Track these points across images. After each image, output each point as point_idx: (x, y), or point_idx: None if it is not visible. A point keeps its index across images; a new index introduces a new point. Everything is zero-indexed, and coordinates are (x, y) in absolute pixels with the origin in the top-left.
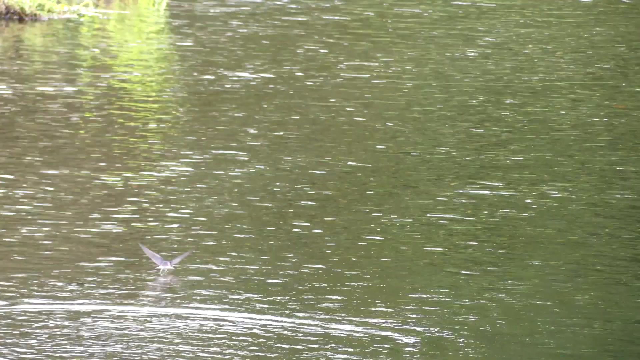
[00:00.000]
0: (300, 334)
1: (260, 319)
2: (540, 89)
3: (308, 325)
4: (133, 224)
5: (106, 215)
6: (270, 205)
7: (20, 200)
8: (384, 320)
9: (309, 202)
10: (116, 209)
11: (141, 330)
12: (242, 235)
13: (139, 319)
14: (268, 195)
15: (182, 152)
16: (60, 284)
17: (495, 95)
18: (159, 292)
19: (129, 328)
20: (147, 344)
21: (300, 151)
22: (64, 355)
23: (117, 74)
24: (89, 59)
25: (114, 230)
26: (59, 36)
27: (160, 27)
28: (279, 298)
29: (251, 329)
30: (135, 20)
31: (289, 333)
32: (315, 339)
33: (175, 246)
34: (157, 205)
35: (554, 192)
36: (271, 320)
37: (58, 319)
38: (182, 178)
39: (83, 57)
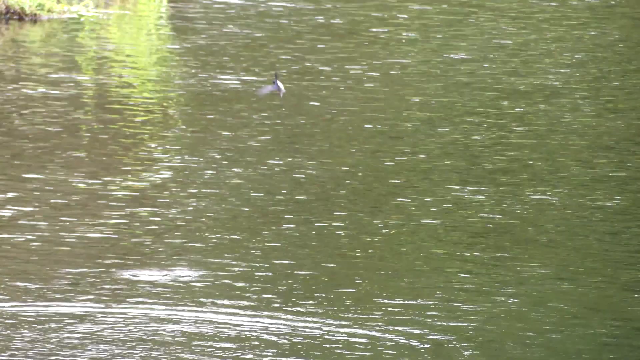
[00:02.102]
0: (297, 336)
1: (258, 321)
2: (539, 90)
3: (305, 327)
4: (124, 227)
5: (100, 217)
6: (266, 206)
7: (13, 202)
8: (381, 322)
9: (305, 204)
10: (110, 211)
11: (134, 332)
12: (238, 237)
13: (131, 321)
14: (263, 196)
15: (176, 154)
16: (51, 286)
17: (493, 97)
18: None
19: (120, 330)
20: (141, 347)
21: (297, 152)
22: (53, 358)
23: (116, 74)
24: (88, 59)
25: (108, 232)
26: (59, 36)
27: (160, 28)
28: (276, 300)
29: (249, 331)
30: (135, 20)
31: (284, 335)
32: (313, 340)
33: (172, 248)
34: (150, 208)
35: (553, 194)
36: (268, 322)
37: (47, 322)
38: (176, 180)
39: (82, 58)
